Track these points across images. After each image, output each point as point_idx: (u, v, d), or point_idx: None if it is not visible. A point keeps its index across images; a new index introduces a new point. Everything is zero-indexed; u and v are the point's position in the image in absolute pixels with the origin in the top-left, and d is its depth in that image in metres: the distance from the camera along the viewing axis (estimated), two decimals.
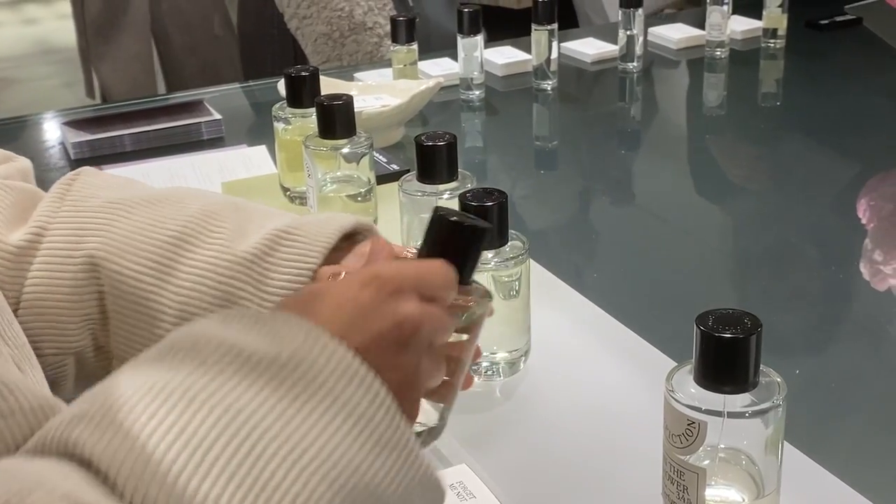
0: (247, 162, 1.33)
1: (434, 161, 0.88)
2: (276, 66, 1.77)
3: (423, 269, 0.48)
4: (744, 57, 1.79)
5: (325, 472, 0.39)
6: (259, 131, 1.45)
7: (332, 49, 1.87)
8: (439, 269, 0.48)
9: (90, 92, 2.18)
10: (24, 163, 0.69)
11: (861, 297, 1.06)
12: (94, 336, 0.61)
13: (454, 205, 0.80)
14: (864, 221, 1.20)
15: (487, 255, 0.77)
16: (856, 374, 0.91)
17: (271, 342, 0.41)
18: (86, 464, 0.38)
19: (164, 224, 0.62)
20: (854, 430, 0.82)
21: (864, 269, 1.10)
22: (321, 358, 0.41)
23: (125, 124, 1.42)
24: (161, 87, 2.21)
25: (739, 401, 0.59)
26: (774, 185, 1.33)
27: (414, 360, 0.46)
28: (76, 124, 1.44)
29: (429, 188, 0.89)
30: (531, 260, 0.81)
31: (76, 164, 1.37)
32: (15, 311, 0.60)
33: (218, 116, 1.46)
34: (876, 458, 0.78)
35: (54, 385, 0.62)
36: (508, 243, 0.78)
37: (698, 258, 1.17)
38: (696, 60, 1.77)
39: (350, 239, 0.65)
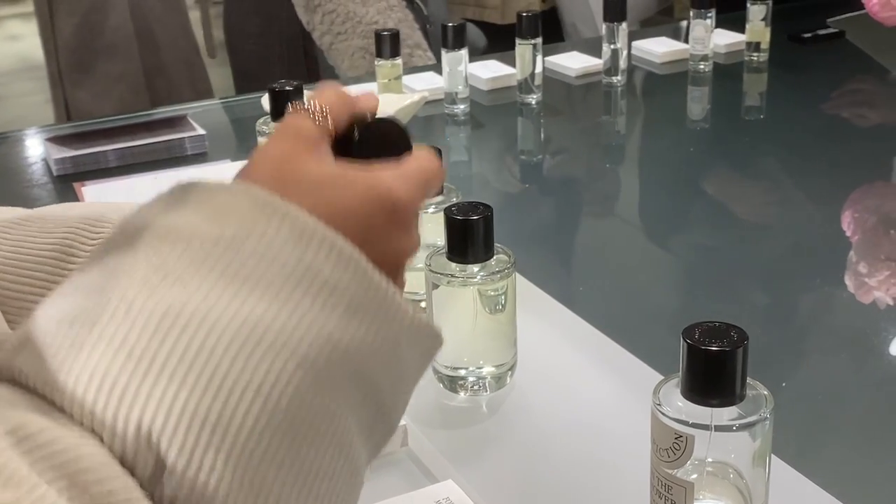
0: (230, 177, 1.32)
1: None
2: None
3: (429, 178, 0.47)
4: (727, 70, 1.80)
5: (290, 350, 0.37)
6: (243, 146, 1.45)
7: (369, 62, 1.87)
8: (439, 172, 0.48)
9: (63, 117, 2.15)
10: None
11: (846, 310, 1.06)
12: None
13: (439, 219, 0.80)
14: (848, 234, 1.21)
15: (474, 268, 0.77)
16: (842, 386, 0.91)
17: (210, 218, 0.39)
18: (31, 390, 0.36)
19: (43, 238, 0.59)
20: (841, 443, 0.82)
21: (848, 282, 1.10)
22: (270, 229, 0.39)
23: (108, 140, 1.42)
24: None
25: (727, 414, 0.58)
26: (758, 199, 1.33)
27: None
28: (59, 140, 1.44)
29: None
30: (517, 274, 0.80)
31: (59, 180, 1.36)
32: None
33: (202, 132, 1.45)
34: (863, 470, 0.78)
35: None
36: (494, 257, 0.77)
37: (684, 271, 1.18)
38: (680, 74, 1.77)
39: None
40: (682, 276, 1.16)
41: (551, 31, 2.38)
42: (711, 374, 0.58)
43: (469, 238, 0.76)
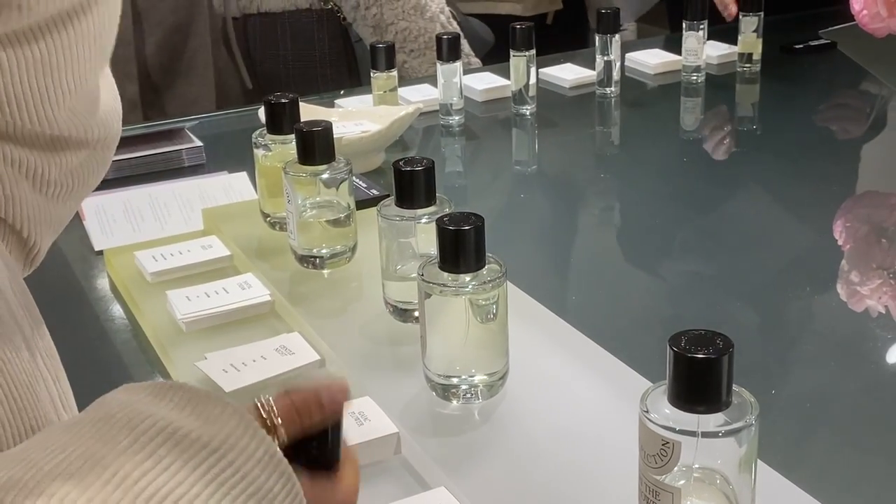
0: (227, 189, 1.34)
1: (412, 186, 0.88)
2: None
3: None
4: (720, 81, 1.81)
5: None
6: (240, 158, 1.46)
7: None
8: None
9: None
10: None
11: (835, 317, 1.07)
12: None
13: (431, 229, 0.81)
14: (840, 243, 1.22)
15: (465, 278, 0.78)
16: (830, 393, 0.92)
17: (204, 424, 0.41)
18: None
19: None
20: (829, 450, 0.83)
21: (840, 290, 1.11)
22: (251, 446, 0.42)
23: None
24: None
25: (713, 420, 0.59)
26: (750, 208, 1.34)
27: None
28: None
29: (407, 213, 0.90)
30: (509, 283, 0.81)
31: None
32: None
33: (199, 143, 1.46)
34: (850, 477, 0.79)
35: None
36: (486, 267, 0.78)
37: (674, 280, 1.19)
38: (673, 85, 1.79)
39: None
40: (673, 284, 1.17)
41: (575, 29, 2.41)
42: (697, 381, 0.59)
43: (461, 248, 0.77)
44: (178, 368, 0.91)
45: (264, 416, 0.48)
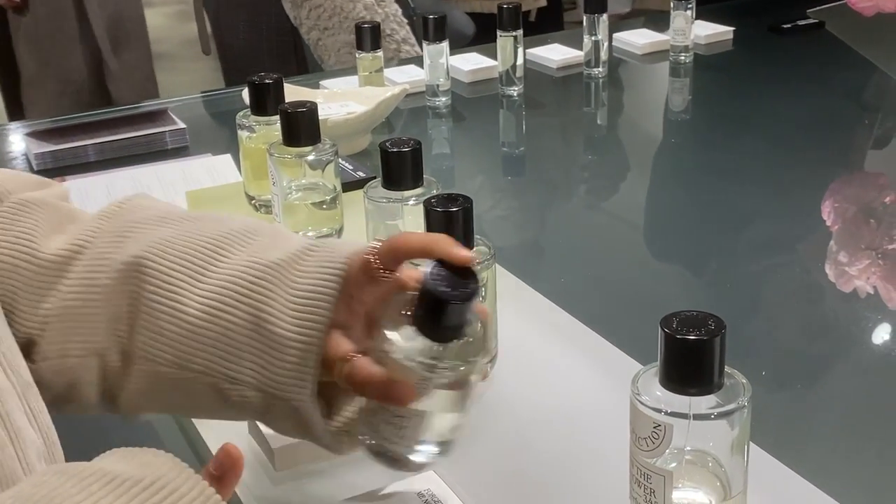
0: (212, 171, 1.32)
1: (399, 167, 0.87)
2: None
3: None
4: (708, 61, 1.80)
5: None
6: (224, 140, 1.45)
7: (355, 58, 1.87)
8: None
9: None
10: (61, 189, 0.71)
11: (826, 299, 1.06)
12: (117, 336, 0.63)
13: (419, 211, 0.80)
14: (828, 223, 1.21)
15: None
16: (822, 375, 0.92)
17: (138, 469, 0.45)
18: None
19: (203, 234, 0.64)
20: (820, 431, 0.83)
21: (829, 271, 1.11)
22: (185, 486, 0.45)
23: (88, 135, 1.41)
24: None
25: (705, 402, 0.59)
26: (738, 188, 1.33)
27: None
28: (39, 135, 1.43)
29: (394, 194, 0.88)
30: (498, 265, 0.80)
31: (39, 174, 1.35)
32: (46, 318, 0.62)
33: (182, 125, 1.45)
34: (842, 458, 0.79)
35: (76, 391, 0.63)
36: (474, 249, 0.77)
37: (664, 261, 1.18)
38: (662, 65, 1.78)
39: None
40: (663, 265, 1.17)
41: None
42: (689, 362, 0.58)
43: (449, 230, 0.76)
44: None
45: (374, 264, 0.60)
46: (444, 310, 0.58)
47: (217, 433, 0.78)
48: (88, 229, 0.65)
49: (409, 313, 0.59)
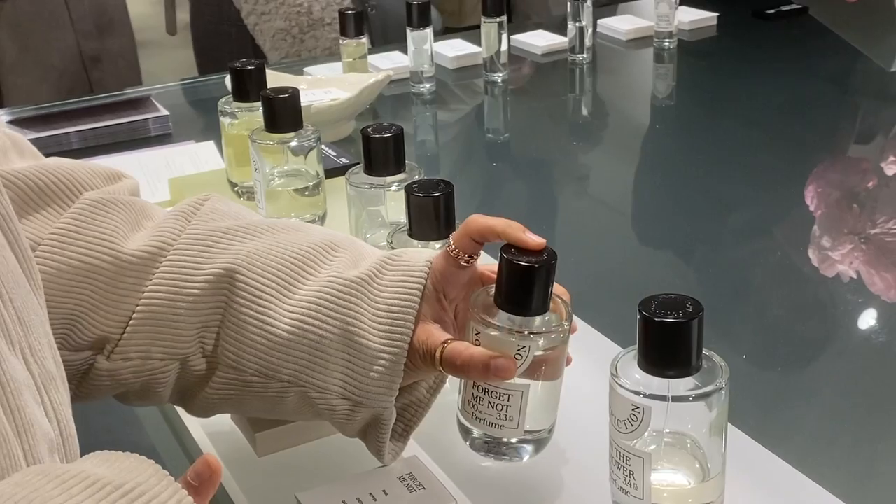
0: (195, 158, 1.32)
1: (381, 153, 0.87)
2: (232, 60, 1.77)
3: None
4: (692, 47, 1.81)
5: None
6: (207, 127, 1.44)
7: (290, 45, 1.87)
8: None
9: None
10: (132, 182, 0.73)
11: (809, 283, 1.07)
12: (202, 344, 0.65)
13: (401, 196, 0.80)
14: (811, 208, 1.22)
15: (435, 245, 0.77)
16: (802, 358, 0.92)
17: (119, 474, 0.45)
18: None
19: (289, 247, 0.67)
20: (799, 413, 0.83)
21: (812, 256, 1.11)
22: (165, 493, 0.45)
23: (71, 122, 1.40)
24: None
25: (683, 385, 0.59)
26: (722, 174, 1.34)
27: None
28: (22, 122, 1.42)
29: (376, 180, 0.88)
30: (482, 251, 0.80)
31: None
32: (129, 318, 0.65)
33: (165, 112, 1.44)
34: (820, 440, 0.79)
35: (151, 390, 0.66)
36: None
37: (647, 246, 1.18)
38: (646, 51, 1.78)
39: None
40: (646, 250, 1.17)
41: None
42: (667, 345, 0.58)
43: (430, 215, 0.76)
44: None
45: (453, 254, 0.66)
46: (529, 279, 0.63)
47: (200, 422, 0.78)
48: (168, 229, 0.67)
49: (497, 293, 0.64)
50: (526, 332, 0.64)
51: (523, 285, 0.64)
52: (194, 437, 0.77)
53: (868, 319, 1.00)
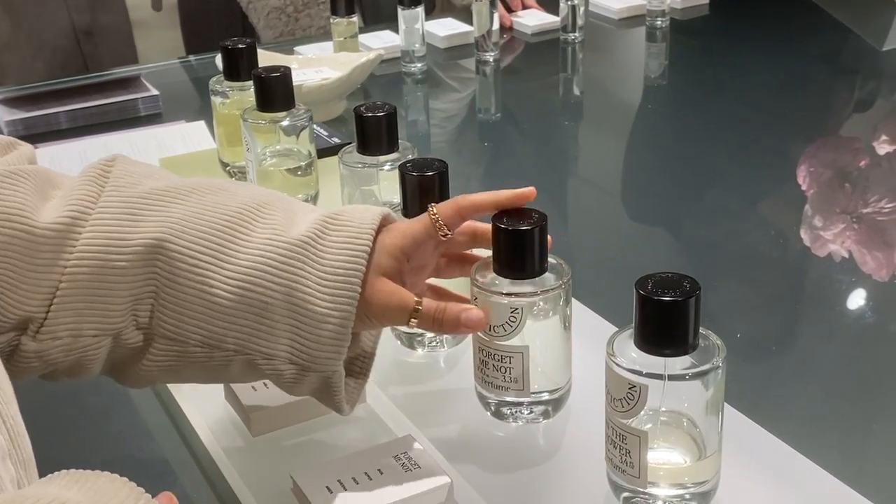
0: (185, 138, 1.31)
1: (374, 132, 0.87)
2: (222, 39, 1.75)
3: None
4: (684, 26, 1.80)
5: None
6: (198, 106, 1.43)
7: (285, 24, 1.86)
8: None
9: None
10: (27, 149, 0.69)
11: (802, 262, 1.07)
12: (135, 317, 0.63)
13: (394, 176, 0.80)
14: (804, 188, 1.22)
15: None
16: (796, 336, 0.92)
17: (94, 496, 0.44)
18: None
19: (218, 210, 0.64)
20: (794, 392, 0.83)
21: (804, 235, 1.11)
22: (129, 499, 0.44)
23: (60, 101, 1.39)
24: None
25: (679, 363, 0.59)
26: (714, 153, 1.34)
27: None
28: (10, 102, 1.41)
29: (369, 159, 0.88)
30: None
31: None
32: (53, 294, 0.61)
33: (155, 92, 1.43)
34: (814, 417, 0.79)
35: (81, 367, 0.64)
36: None
37: (641, 225, 1.18)
38: (638, 30, 1.77)
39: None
40: (640, 230, 1.17)
41: None
42: (664, 323, 0.58)
43: (424, 194, 0.76)
44: None
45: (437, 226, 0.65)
46: (518, 242, 0.66)
47: (195, 403, 0.78)
48: (81, 197, 0.64)
49: (493, 259, 0.67)
50: (518, 296, 0.66)
51: (513, 249, 0.66)
52: (188, 417, 0.77)
53: (860, 299, 1.00)
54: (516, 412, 0.71)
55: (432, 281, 0.71)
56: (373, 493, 0.65)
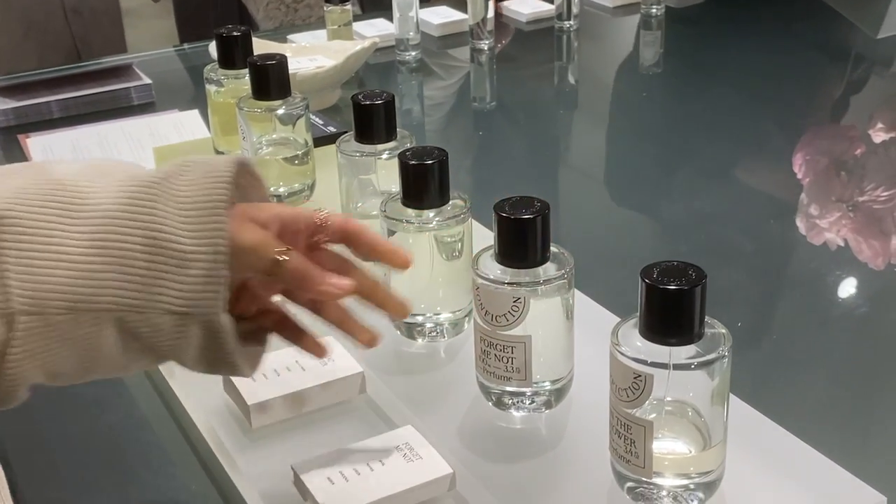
0: (179, 127, 1.30)
1: (372, 120, 0.86)
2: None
3: None
4: (679, 14, 1.79)
5: None
6: (191, 95, 1.42)
7: (284, 14, 1.85)
8: None
9: None
10: None
11: (799, 251, 1.07)
12: None
13: (391, 165, 0.79)
14: (799, 176, 1.22)
15: (429, 214, 0.76)
16: (795, 325, 0.92)
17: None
18: None
19: (57, 176, 0.59)
20: (795, 381, 0.83)
21: (800, 224, 1.11)
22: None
23: (52, 90, 1.38)
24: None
25: (685, 352, 0.58)
26: (711, 142, 1.33)
27: None
28: (1, 91, 1.40)
29: (367, 148, 0.87)
30: (473, 220, 0.79)
31: (2, 132, 1.33)
32: None
33: (148, 81, 1.42)
34: (816, 406, 0.79)
35: None
36: (450, 202, 0.77)
37: (637, 215, 1.18)
38: (633, 18, 1.76)
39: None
40: (636, 219, 1.16)
41: None
42: (670, 312, 0.58)
43: (424, 183, 0.75)
44: None
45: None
46: (518, 231, 0.66)
47: (192, 393, 0.77)
48: None
49: (495, 248, 0.67)
50: (521, 285, 0.66)
51: (513, 238, 0.66)
52: (187, 409, 0.76)
53: (862, 286, 1.00)
54: (518, 402, 0.70)
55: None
56: (375, 483, 0.65)
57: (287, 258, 0.59)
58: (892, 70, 1.63)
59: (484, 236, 0.93)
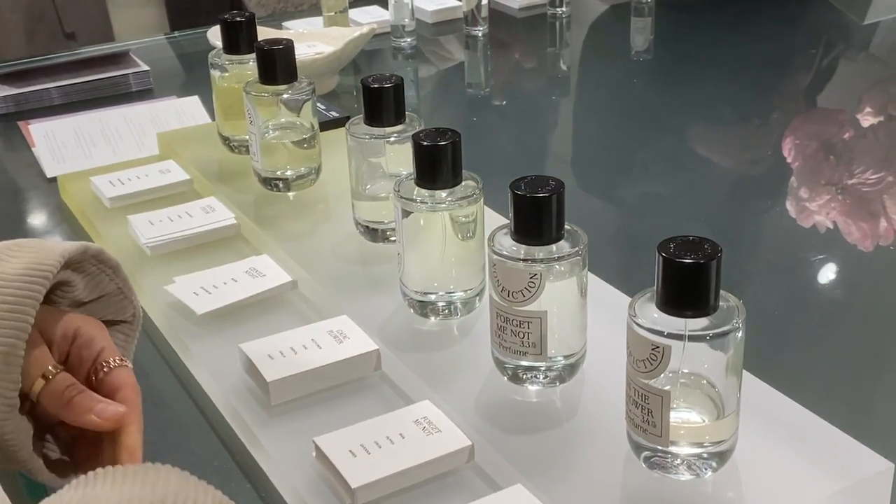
0: (179, 113, 1.31)
1: (381, 103, 0.87)
2: (209, 17, 1.74)
3: None
4: (669, 1, 1.81)
5: None
6: (189, 82, 1.43)
7: (277, 1, 1.85)
8: None
9: None
10: None
11: (794, 233, 1.09)
12: None
13: (400, 148, 0.80)
14: (789, 160, 1.24)
15: (442, 194, 0.77)
16: (795, 302, 0.94)
17: (151, 490, 0.45)
18: None
19: None
20: (797, 354, 0.85)
21: (790, 207, 1.13)
22: (199, 494, 0.45)
23: (51, 77, 1.38)
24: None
25: (700, 324, 0.60)
26: (703, 126, 1.35)
27: None
28: (1, 78, 1.40)
29: (376, 131, 0.88)
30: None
31: (3, 119, 1.33)
32: None
33: (145, 67, 1.43)
34: (818, 378, 0.81)
35: None
36: (462, 182, 0.78)
37: (627, 199, 1.19)
38: (624, 5, 1.78)
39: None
40: (627, 203, 1.18)
41: None
42: (686, 285, 0.59)
43: (438, 163, 0.76)
44: (145, 293, 0.89)
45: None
46: (533, 209, 0.68)
47: (209, 373, 0.78)
48: None
49: (511, 226, 0.69)
50: (537, 261, 0.68)
51: (528, 215, 0.68)
52: (205, 389, 0.77)
53: (864, 263, 1.02)
54: (532, 377, 0.72)
55: None
56: (396, 456, 0.67)
57: (56, 374, 0.56)
58: (879, 55, 1.66)
59: (491, 219, 0.94)
